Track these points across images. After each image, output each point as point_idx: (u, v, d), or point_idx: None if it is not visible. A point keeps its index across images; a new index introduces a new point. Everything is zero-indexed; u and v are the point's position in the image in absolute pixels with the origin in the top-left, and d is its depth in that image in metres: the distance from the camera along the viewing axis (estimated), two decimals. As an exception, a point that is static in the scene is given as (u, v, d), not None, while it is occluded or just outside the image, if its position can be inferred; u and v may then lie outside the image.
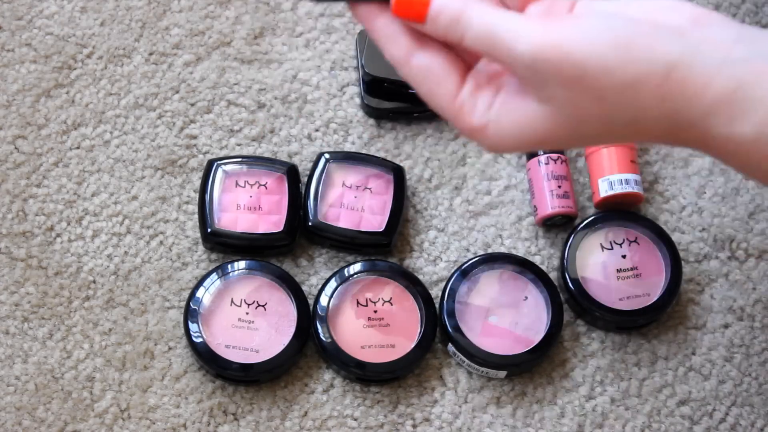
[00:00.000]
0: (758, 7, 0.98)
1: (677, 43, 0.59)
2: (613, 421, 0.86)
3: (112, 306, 0.87)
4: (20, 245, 0.88)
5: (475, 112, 0.63)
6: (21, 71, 0.93)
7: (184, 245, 0.89)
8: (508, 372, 0.86)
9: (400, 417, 0.85)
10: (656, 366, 0.88)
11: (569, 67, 0.58)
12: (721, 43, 0.59)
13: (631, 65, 0.58)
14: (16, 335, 0.86)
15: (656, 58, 0.58)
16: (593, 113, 0.60)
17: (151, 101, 0.93)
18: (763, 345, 0.89)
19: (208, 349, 0.84)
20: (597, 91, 0.59)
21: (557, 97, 0.60)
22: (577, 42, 0.58)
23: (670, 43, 0.59)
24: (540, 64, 0.59)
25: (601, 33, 0.59)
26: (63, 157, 0.91)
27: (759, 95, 0.57)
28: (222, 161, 0.89)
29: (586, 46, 0.58)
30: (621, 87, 0.58)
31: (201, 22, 0.95)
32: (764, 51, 0.58)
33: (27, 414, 0.84)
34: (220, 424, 0.85)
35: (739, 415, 0.87)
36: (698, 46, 0.59)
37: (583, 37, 0.59)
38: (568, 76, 0.59)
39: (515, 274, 0.88)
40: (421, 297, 0.87)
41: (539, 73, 0.59)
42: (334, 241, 0.89)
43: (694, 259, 0.91)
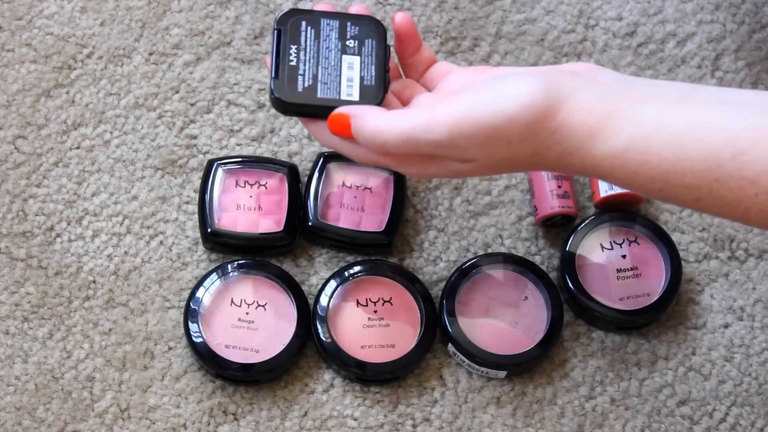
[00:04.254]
0: (758, 7, 0.98)
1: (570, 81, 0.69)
2: (613, 421, 0.86)
3: (112, 306, 0.87)
4: (20, 245, 0.88)
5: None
6: (21, 71, 0.93)
7: (184, 245, 0.89)
8: (508, 372, 0.86)
9: (400, 417, 0.85)
10: (656, 366, 0.88)
11: (480, 130, 0.68)
12: (605, 83, 0.70)
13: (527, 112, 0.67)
14: (16, 335, 0.86)
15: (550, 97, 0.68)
16: (504, 157, 0.70)
17: (151, 101, 0.93)
18: (763, 345, 0.89)
19: (208, 349, 0.84)
20: (504, 138, 0.68)
21: (475, 155, 0.70)
22: (481, 107, 0.68)
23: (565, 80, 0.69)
24: (457, 140, 0.69)
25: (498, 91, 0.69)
26: (63, 157, 0.91)
27: (630, 114, 0.67)
28: (222, 161, 0.89)
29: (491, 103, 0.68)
30: (523, 130, 0.68)
31: (201, 22, 0.95)
32: (640, 86, 0.70)
33: (27, 414, 0.84)
34: (220, 424, 0.85)
35: (739, 415, 0.87)
36: (587, 84, 0.69)
37: (484, 100, 0.68)
38: (481, 139, 0.68)
39: (515, 274, 0.88)
40: (421, 297, 0.87)
41: (457, 146, 0.69)
42: (334, 241, 0.89)
43: (694, 259, 0.91)
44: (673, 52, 0.96)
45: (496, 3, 0.97)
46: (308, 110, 0.76)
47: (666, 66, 0.96)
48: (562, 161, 0.69)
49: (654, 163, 0.66)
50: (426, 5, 0.97)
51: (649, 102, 0.67)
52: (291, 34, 0.76)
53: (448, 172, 0.73)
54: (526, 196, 0.92)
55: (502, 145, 0.69)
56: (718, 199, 0.66)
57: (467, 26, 0.96)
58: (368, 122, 0.72)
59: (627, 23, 0.97)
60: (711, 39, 0.97)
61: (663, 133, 0.66)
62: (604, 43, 0.96)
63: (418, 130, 0.69)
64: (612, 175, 0.68)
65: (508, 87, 0.69)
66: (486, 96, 0.69)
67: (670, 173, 0.66)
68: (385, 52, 0.77)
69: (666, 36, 0.97)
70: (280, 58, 0.76)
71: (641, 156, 0.66)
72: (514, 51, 0.96)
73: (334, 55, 0.77)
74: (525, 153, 0.69)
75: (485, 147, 0.69)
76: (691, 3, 0.98)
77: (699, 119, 0.66)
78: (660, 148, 0.66)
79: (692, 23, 0.97)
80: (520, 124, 0.68)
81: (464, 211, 0.91)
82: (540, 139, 0.68)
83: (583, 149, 0.68)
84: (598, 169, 0.68)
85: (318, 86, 0.75)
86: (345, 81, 0.76)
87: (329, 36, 0.77)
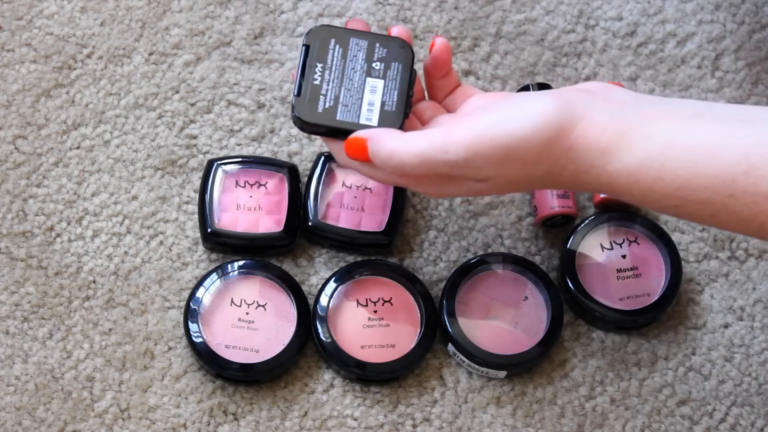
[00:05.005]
0: (758, 7, 0.98)
1: (584, 100, 0.70)
2: (613, 421, 0.86)
3: (112, 306, 0.87)
4: (20, 245, 0.88)
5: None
6: (21, 71, 0.93)
7: (184, 245, 0.89)
8: (508, 372, 0.86)
9: (400, 417, 0.85)
10: (656, 366, 0.88)
11: (495, 150, 0.69)
12: (618, 101, 0.70)
13: (542, 132, 0.68)
14: (16, 335, 0.86)
15: (564, 116, 0.68)
16: (520, 175, 0.71)
17: (151, 101, 0.93)
18: (763, 345, 0.89)
19: (208, 349, 0.84)
20: (520, 158, 0.69)
21: (491, 175, 0.71)
22: (497, 127, 0.68)
23: (579, 99, 0.70)
24: (473, 160, 0.70)
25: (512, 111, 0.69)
26: (63, 157, 0.91)
27: (643, 133, 0.67)
28: (222, 161, 0.89)
29: (506, 123, 0.68)
30: (538, 149, 0.69)
31: (201, 22, 0.95)
32: (652, 104, 0.70)
33: (27, 414, 0.84)
34: (220, 424, 0.85)
35: (739, 415, 0.87)
36: (600, 102, 0.70)
37: (500, 120, 0.69)
38: (497, 158, 0.69)
39: (515, 274, 0.88)
40: (421, 297, 0.87)
41: (473, 166, 0.70)
42: (334, 241, 0.89)
43: (694, 259, 0.91)
44: (673, 52, 0.96)
45: (496, 3, 0.97)
46: (327, 131, 0.77)
47: (666, 66, 0.96)
48: (577, 179, 0.70)
49: (669, 179, 0.67)
50: (426, 5, 0.97)
51: (662, 119, 0.68)
52: (319, 51, 0.77)
53: (464, 191, 0.74)
54: (526, 196, 0.92)
55: (517, 164, 0.69)
56: (733, 214, 0.66)
57: (467, 26, 0.96)
58: (385, 144, 0.72)
59: (627, 23, 0.97)
60: (711, 39, 0.97)
61: (677, 150, 0.66)
62: (604, 43, 0.96)
63: (435, 150, 0.70)
64: (627, 193, 0.69)
65: (523, 107, 0.69)
66: (501, 116, 0.69)
67: (684, 189, 0.66)
68: (411, 77, 0.78)
69: (666, 36, 0.97)
70: (304, 76, 0.76)
71: (656, 173, 0.67)
72: (514, 51, 0.96)
73: (359, 77, 0.77)
74: (540, 172, 0.70)
75: (501, 166, 0.70)
76: (691, 3, 0.98)
77: (712, 135, 0.66)
78: (674, 164, 0.66)
79: (692, 23, 0.97)
80: (534, 143, 0.69)
81: (464, 211, 0.91)
82: (555, 158, 0.69)
83: (598, 167, 0.68)
84: (614, 186, 0.69)
85: (338, 108, 0.76)
86: (366, 104, 0.77)
87: (356, 56, 0.77)
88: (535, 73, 0.95)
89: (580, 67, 0.96)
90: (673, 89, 0.95)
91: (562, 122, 0.68)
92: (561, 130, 0.68)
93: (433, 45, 0.78)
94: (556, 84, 0.95)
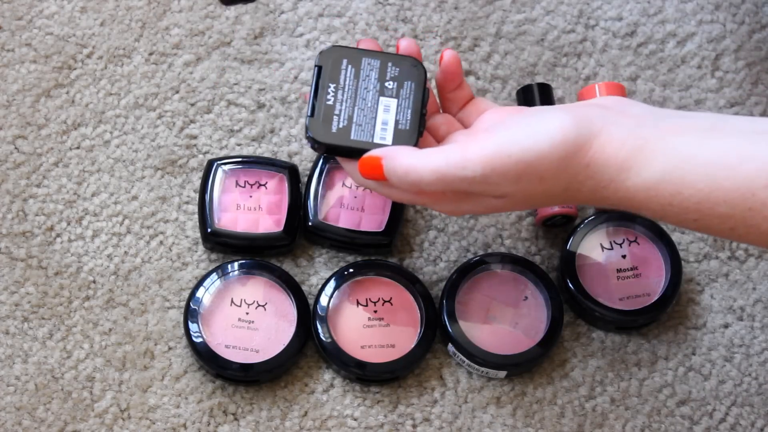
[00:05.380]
0: (758, 7, 0.98)
1: (600, 115, 0.70)
2: (613, 421, 0.86)
3: (112, 306, 0.87)
4: (20, 245, 0.88)
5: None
6: (21, 71, 0.93)
7: (184, 245, 0.89)
8: (508, 372, 0.86)
9: (400, 417, 0.85)
10: (656, 366, 0.88)
11: (513, 166, 0.69)
12: (635, 116, 0.70)
13: (560, 148, 0.68)
14: (16, 335, 0.86)
15: (581, 132, 0.68)
16: (537, 191, 0.71)
17: (151, 101, 0.93)
18: (763, 345, 0.89)
19: (208, 349, 0.84)
20: (537, 174, 0.69)
21: (509, 191, 0.71)
22: (514, 143, 0.69)
23: (595, 114, 0.70)
24: (490, 177, 0.69)
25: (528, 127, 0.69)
26: (63, 157, 0.91)
27: (660, 147, 0.67)
28: (222, 161, 0.89)
29: (522, 139, 0.68)
30: (555, 166, 0.69)
31: (201, 22, 0.95)
32: (669, 118, 0.70)
33: (27, 414, 0.84)
34: (220, 424, 0.85)
35: (739, 415, 0.87)
36: (617, 117, 0.70)
37: (516, 136, 0.69)
38: (514, 175, 0.69)
39: (515, 274, 0.88)
40: (421, 297, 0.87)
41: (491, 182, 0.70)
42: (334, 241, 0.89)
43: (694, 259, 0.91)
44: (673, 52, 0.96)
45: (496, 3, 0.97)
46: (341, 151, 0.77)
47: (666, 66, 0.96)
48: (596, 194, 0.70)
49: (687, 194, 0.67)
50: (426, 5, 0.97)
51: (679, 134, 0.68)
52: (331, 71, 0.77)
53: (482, 208, 0.74)
54: (526, 196, 0.92)
55: (535, 180, 0.69)
56: (753, 227, 0.66)
57: (467, 26, 0.96)
58: (400, 162, 0.72)
59: (627, 23, 0.97)
60: (711, 39, 0.97)
61: (695, 164, 0.66)
62: (604, 43, 0.96)
63: (452, 167, 0.70)
64: (646, 207, 0.69)
65: (540, 123, 0.69)
66: (518, 132, 0.69)
67: (703, 203, 0.66)
68: (424, 95, 0.78)
69: (666, 36, 0.97)
70: (317, 97, 0.77)
71: (674, 187, 0.67)
72: (514, 51, 0.96)
73: (372, 97, 0.77)
74: (558, 188, 0.70)
75: (518, 182, 0.70)
76: (691, 3, 0.98)
77: (730, 149, 0.66)
78: (692, 178, 0.66)
79: (692, 23, 0.97)
80: (552, 159, 0.69)
81: (464, 211, 0.91)
82: (573, 174, 0.69)
83: (617, 182, 0.68)
84: (632, 201, 0.69)
85: (352, 128, 0.76)
86: (380, 124, 0.77)
87: (369, 76, 0.78)
88: (535, 73, 0.95)
89: (580, 67, 0.96)
90: (673, 89, 0.95)
91: (580, 138, 0.68)
92: (579, 146, 0.68)
93: (442, 58, 0.78)
94: (556, 84, 0.95)
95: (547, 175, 0.69)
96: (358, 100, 0.77)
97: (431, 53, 0.95)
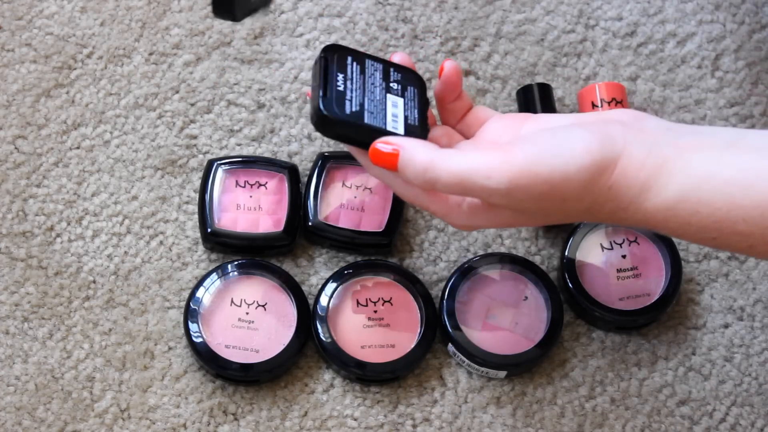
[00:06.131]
0: (758, 7, 0.98)
1: (621, 134, 0.69)
2: (613, 421, 0.86)
3: (112, 306, 0.87)
4: (20, 245, 0.88)
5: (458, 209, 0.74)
6: (21, 71, 0.93)
7: (184, 245, 0.89)
8: (508, 372, 0.86)
9: (400, 417, 0.85)
10: (656, 366, 0.88)
11: (538, 185, 0.68)
12: (652, 132, 0.70)
13: (585, 170, 0.68)
14: (16, 335, 0.86)
15: (606, 155, 0.68)
16: (558, 211, 0.70)
17: (151, 101, 0.93)
18: (763, 345, 0.89)
19: (208, 349, 0.84)
20: (560, 197, 0.69)
21: (529, 208, 0.70)
22: (541, 161, 0.68)
23: (617, 133, 0.69)
24: (514, 192, 0.68)
25: (555, 147, 0.69)
26: (63, 157, 0.91)
27: (680, 166, 0.67)
28: (222, 161, 0.89)
29: (550, 157, 0.68)
30: (580, 188, 0.68)
31: (201, 22, 0.95)
32: (687, 134, 0.69)
33: (27, 414, 0.84)
34: (220, 424, 0.85)
35: (739, 415, 0.87)
36: (636, 135, 0.69)
37: (544, 154, 0.68)
38: (538, 193, 0.68)
39: (515, 274, 0.88)
40: (421, 297, 0.87)
41: (513, 198, 0.69)
42: (334, 241, 0.89)
43: (694, 259, 0.91)
44: (673, 52, 0.96)
45: (496, 3, 0.97)
46: (354, 133, 0.74)
47: (666, 66, 0.96)
48: (614, 216, 0.70)
49: (706, 213, 0.66)
50: (426, 5, 0.97)
51: (697, 151, 0.67)
52: (338, 63, 0.75)
53: (498, 221, 0.73)
54: (526, 196, 0.92)
55: (557, 201, 0.69)
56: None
57: (467, 26, 0.96)
58: (420, 157, 0.70)
59: (627, 23, 0.97)
60: (711, 39, 0.97)
61: (713, 183, 0.66)
62: (604, 43, 0.96)
63: (477, 174, 0.68)
64: (665, 227, 0.69)
65: (567, 144, 0.68)
66: (546, 152, 0.68)
67: (722, 222, 0.66)
68: (426, 102, 0.77)
69: (666, 36, 0.97)
70: (327, 82, 0.74)
71: (693, 206, 0.67)
72: (514, 51, 0.96)
73: (379, 92, 0.76)
74: (579, 209, 0.70)
75: (540, 201, 0.69)
76: (691, 3, 0.98)
77: (749, 167, 0.66)
78: (711, 197, 0.66)
79: (692, 23, 0.97)
80: (578, 182, 0.68)
81: (464, 211, 0.91)
82: (595, 197, 0.69)
83: (636, 203, 0.68)
84: (650, 221, 0.69)
85: (365, 114, 0.74)
86: (390, 116, 0.75)
87: (374, 75, 0.76)
88: (535, 73, 0.95)
89: (580, 67, 0.96)
90: (673, 89, 0.95)
91: (605, 160, 0.68)
92: (603, 168, 0.68)
93: (443, 69, 0.77)
94: (556, 84, 0.95)
95: (571, 197, 0.69)
96: (367, 92, 0.75)
97: (431, 53, 0.95)
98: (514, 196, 0.69)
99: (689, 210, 0.67)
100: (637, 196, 0.68)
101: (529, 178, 0.68)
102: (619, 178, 0.68)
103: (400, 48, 0.95)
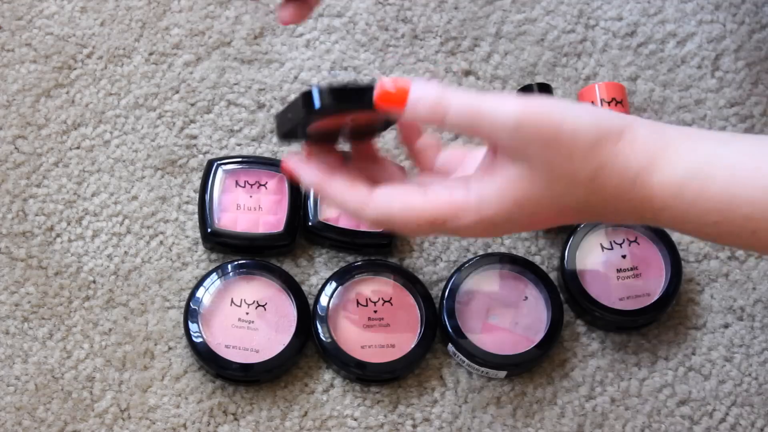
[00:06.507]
0: (758, 7, 0.98)
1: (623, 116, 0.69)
2: (613, 421, 0.86)
3: (112, 306, 0.87)
4: (20, 245, 0.88)
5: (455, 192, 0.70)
6: (21, 71, 0.93)
7: (184, 245, 0.89)
8: (508, 372, 0.86)
9: (400, 417, 0.85)
10: (656, 366, 0.88)
11: (548, 126, 0.66)
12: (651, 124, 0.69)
13: (595, 127, 0.67)
14: (16, 335, 0.86)
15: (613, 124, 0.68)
16: (563, 172, 0.68)
17: (151, 101, 0.93)
18: (763, 345, 0.89)
19: (208, 349, 0.84)
20: (567, 150, 0.67)
21: (534, 156, 0.67)
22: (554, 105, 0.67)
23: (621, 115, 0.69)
24: (523, 127, 0.66)
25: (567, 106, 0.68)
26: (63, 157, 0.91)
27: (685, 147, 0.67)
28: (222, 161, 0.89)
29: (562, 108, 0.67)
30: (589, 144, 0.67)
31: (201, 22, 0.95)
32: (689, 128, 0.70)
33: (27, 414, 0.84)
34: (220, 424, 0.85)
35: (739, 415, 0.87)
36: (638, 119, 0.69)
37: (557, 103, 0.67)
38: (546, 136, 0.66)
39: (515, 274, 0.88)
40: (421, 297, 0.87)
41: (521, 135, 0.67)
42: (334, 241, 0.89)
43: (694, 259, 0.91)
44: (673, 52, 0.96)
45: (496, 3, 0.97)
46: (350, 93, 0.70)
47: (666, 66, 0.96)
48: (619, 195, 0.68)
49: (711, 192, 0.66)
50: (426, 5, 0.97)
51: (702, 138, 0.68)
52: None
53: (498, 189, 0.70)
54: (526, 196, 0.91)
55: (563, 155, 0.67)
56: None
57: (467, 26, 0.96)
58: (430, 87, 0.69)
59: (627, 23, 0.97)
60: (711, 39, 0.97)
61: (720, 164, 0.66)
62: (604, 43, 0.96)
63: (486, 108, 0.67)
64: (670, 208, 0.68)
65: (577, 108, 0.68)
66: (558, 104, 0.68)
67: (725, 204, 0.66)
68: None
69: (666, 36, 0.97)
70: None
71: (699, 184, 0.66)
72: (514, 51, 0.96)
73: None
74: (584, 175, 0.68)
75: (546, 150, 0.67)
76: (691, 3, 0.98)
77: (754, 151, 0.66)
78: (716, 177, 0.66)
79: (692, 23, 0.97)
80: (585, 137, 0.67)
81: (464, 211, 0.91)
82: (602, 162, 0.67)
83: (643, 176, 0.67)
84: (656, 202, 0.68)
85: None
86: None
87: None
88: (535, 73, 0.95)
89: (580, 67, 0.96)
90: (673, 89, 0.95)
91: (613, 126, 0.68)
92: (610, 131, 0.67)
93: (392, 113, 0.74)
94: (556, 84, 0.95)
95: (577, 155, 0.67)
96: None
97: (431, 53, 0.95)
98: (521, 137, 0.67)
99: (695, 188, 0.67)
100: (644, 168, 0.67)
101: (540, 116, 0.66)
102: (626, 147, 0.67)
103: (400, 48, 0.95)
